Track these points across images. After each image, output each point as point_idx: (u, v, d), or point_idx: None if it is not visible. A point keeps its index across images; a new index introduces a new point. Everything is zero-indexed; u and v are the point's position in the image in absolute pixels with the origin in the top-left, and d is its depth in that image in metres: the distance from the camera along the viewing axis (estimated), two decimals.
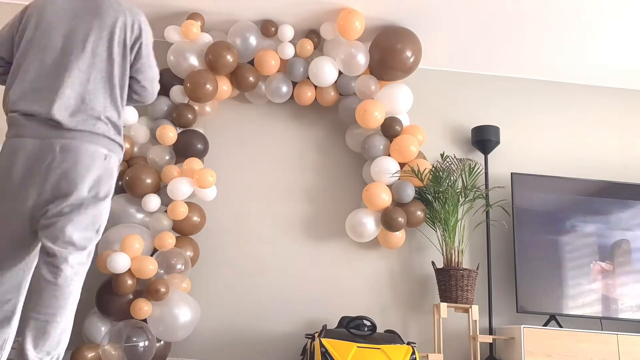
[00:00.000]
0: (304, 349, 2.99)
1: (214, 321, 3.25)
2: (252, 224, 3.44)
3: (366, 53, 3.33)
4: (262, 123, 3.64)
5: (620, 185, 3.47)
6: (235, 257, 3.37)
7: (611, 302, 3.26)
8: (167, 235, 2.91)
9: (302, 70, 3.37)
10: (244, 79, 3.33)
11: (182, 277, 2.88)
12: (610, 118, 3.87)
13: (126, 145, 3.14)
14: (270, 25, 3.37)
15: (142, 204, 2.98)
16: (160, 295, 2.66)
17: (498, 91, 3.86)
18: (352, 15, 3.21)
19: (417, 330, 3.33)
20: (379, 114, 3.26)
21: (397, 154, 3.29)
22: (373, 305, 3.34)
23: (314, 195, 3.53)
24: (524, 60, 3.70)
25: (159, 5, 3.37)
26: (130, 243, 2.69)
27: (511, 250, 3.48)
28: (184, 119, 3.21)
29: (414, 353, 2.57)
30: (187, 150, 3.20)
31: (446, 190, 3.18)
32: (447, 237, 3.18)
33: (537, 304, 3.22)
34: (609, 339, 3.01)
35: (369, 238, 3.28)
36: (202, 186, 3.04)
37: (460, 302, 3.06)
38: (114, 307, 2.70)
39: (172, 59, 3.22)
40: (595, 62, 3.66)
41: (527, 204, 3.38)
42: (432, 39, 3.53)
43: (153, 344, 2.66)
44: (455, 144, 3.72)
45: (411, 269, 3.45)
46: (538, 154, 3.74)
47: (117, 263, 2.61)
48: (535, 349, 2.97)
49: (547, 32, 3.38)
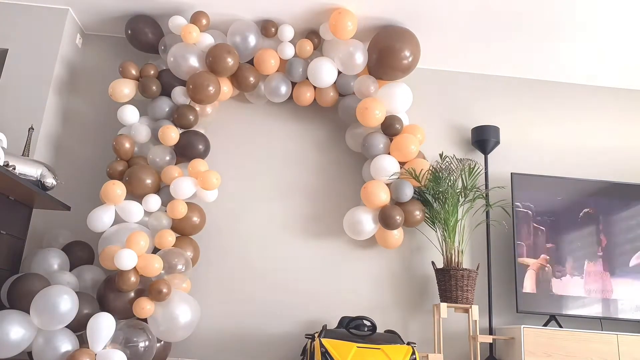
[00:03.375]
0: (304, 349, 2.99)
1: (213, 321, 3.26)
2: (252, 224, 3.45)
3: (364, 52, 3.33)
4: (262, 123, 3.65)
5: (620, 185, 3.47)
6: (235, 257, 3.38)
7: (611, 302, 3.26)
8: (167, 233, 2.91)
9: (302, 70, 3.37)
10: (244, 79, 3.33)
11: (183, 278, 2.89)
12: (610, 118, 3.87)
13: (126, 145, 3.14)
14: (270, 25, 3.38)
15: (143, 203, 2.98)
16: (162, 295, 2.66)
17: (498, 91, 3.86)
18: (342, 16, 3.21)
19: (417, 330, 3.33)
20: (379, 112, 3.27)
21: (397, 153, 3.29)
22: (373, 305, 3.35)
23: (314, 195, 3.54)
24: (524, 60, 3.70)
25: (159, 4, 3.38)
26: (136, 240, 2.68)
27: (511, 250, 3.49)
28: (185, 120, 3.21)
29: (414, 353, 2.57)
30: (188, 151, 3.20)
31: (446, 190, 3.19)
32: (447, 237, 3.18)
33: (537, 304, 3.22)
34: (609, 339, 3.01)
35: (366, 236, 3.29)
36: (206, 188, 3.04)
37: (460, 302, 3.06)
38: (115, 305, 2.69)
39: (172, 60, 3.23)
40: (595, 62, 3.66)
41: (527, 204, 3.39)
42: (432, 39, 3.53)
43: (153, 344, 2.66)
44: (455, 144, 3.72)
45: (411, 269, 3.45)
46: (538, 154, 3.74)
47: (125, 259, 2.60)
48: (535, 349, 2.97)
49: (546, 32, 3.38)
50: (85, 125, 3.56)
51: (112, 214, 2.93)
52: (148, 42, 3.44)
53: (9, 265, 2.84)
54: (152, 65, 3.36)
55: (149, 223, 3.01)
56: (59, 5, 3.46)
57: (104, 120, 3.55)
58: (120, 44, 3.72)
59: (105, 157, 3.47)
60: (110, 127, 3.51)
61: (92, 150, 3.51)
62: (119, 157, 3.19)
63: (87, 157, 3.49)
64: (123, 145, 3.13)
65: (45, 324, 2.41)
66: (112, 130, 3.50)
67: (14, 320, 2.39)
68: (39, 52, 3.38)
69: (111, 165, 3.14)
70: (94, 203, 3.31)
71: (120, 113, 3.22)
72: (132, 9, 3.44)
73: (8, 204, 2.79)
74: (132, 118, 3.23)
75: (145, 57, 3.62)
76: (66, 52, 3.51)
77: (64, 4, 3.44)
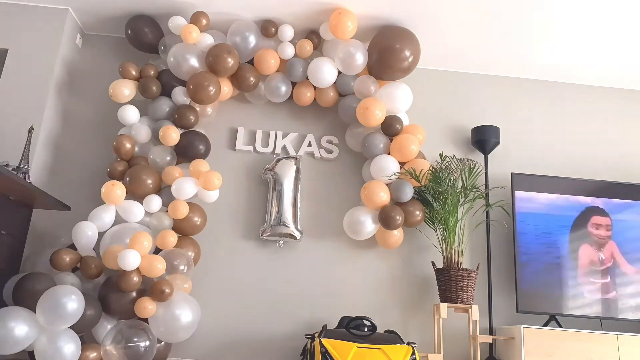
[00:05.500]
0: (304, 349, 2.99)
1: (214, 321, 3.26)
2: (252, 224, 3.45)
3: (364, 52, 3.33)
4: (262, 123, 3.65)
5: (620, 185, 3.47)
6: (235, 257, 3.38)
7: (611, 302, 3.26)
8: (169, 233, 2.92)
9: (302, 70, 3.37)
10: (244, 79, 3.33)
11: (184, 278, 2.89)
12: (610, 118, 3.87)
13: (127, 145, 3.14)
14: (270, 25, 3.37)
15: (144, 204, 2.98)
16: (165, 296, 2.65)
17: (498, 91, 3.86)
18: (342, 16, 3.21)
19: (417, 330, 3.33)
20: (379, 112, 3.27)
21: (397, 153, 3.29)
22: (373, 305, 3.35)
23: (315, 195, 3.54)
24: (524, 60, 3.70)
25: (159, 4, 3.38)
26: (139, 240, 2.68)
27: (511, 250, 3.49)
28: (185, 120, 3.21)
29: (414, 353, 2.57)
30: (188, 152, 3.20)
31: (446, 190, 3.19)
32: (447, 237, 3.18)
33: (537, 304, 3.22)
34: (609, 339, 3.01)
35: (366, 236, 3.29)
36: (208, 188, 3.04)
37: (461, 302, 3.07)
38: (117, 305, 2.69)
39: (172, 60, 3.23)
40: (595, 62, 3.66)
41: (527, 204, 3.39)
42: (432, 39, 3.53)
43: (154, 344, 2.67)
44: (455, 144, 3.72)
45: (411, 269, 3.45)
46: (538, 154, 3.75)
47: (128, 260, 2.60)
48: (535, 349, 2.97)
49: (546, 32, 3.38)
50: (85, 125, 3.56)
51: (113, 214, 2.93)
52: (148, 42, 3.44)
53: (9, 265, 2.84)
54: (152, 65, 3.36)
55: (150, 223, 3.01)
56: (59, 5, 3.46)
57: (104, 120, 3.55)
58: (120, 44, 3.72)
59: (105, 157, 3.47)
60: (110, 127, 3.51)
61: (92, 150, 3.51)
62: (119, 157, 3.19)
63: (87, 157, 3.49)
64: (124, 146, 3.13)
65: (50, 323, 2.41)
66: (112, 130, 3.50)
67: (18, 317, 2.39)
68: (39, 52, 3.38)
69: (112, 166, 3.14)
70: (94, 203, 3.31)
71: (120, 113, 3.22)
72: (132, 9, 3.44)
73: (8, 204, 2.79)
74: (133, 118, 3.23)
75: (145, 57, 3.62)
76: (66, 52, 3.51)
77: (64, 4, 3.44)
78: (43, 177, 3.35)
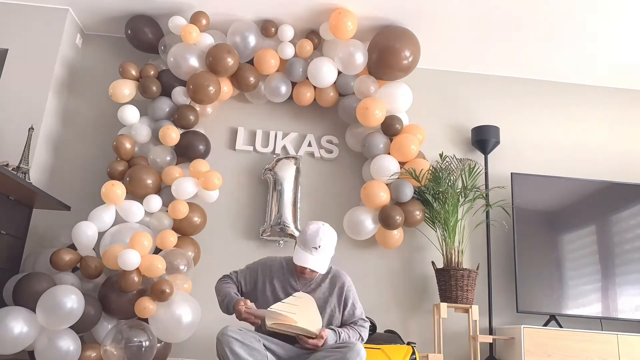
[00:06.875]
0: None
1: (214, 321, 3.25)
2: (252, 224, 3.44)
3: (364, 52, 3.33)
4: (262, 123, 3.65)
5: (620, 185, 3.47)
6: (235, 257, 3.37)
7: (611, 302, 3.26)
8: (169, 233, 2.92)
9: (302, 70, 3.37)
10: (244, 79, 3.33)
11: (184, 278, 2.89)
12: (610, 118, 3.87)
13: (127, 145, 3.14)
14: (270, 25, 3.37)
15: (144, 204, 2.98)
16: (165, 295, 2.65)
17: (498, 91, 3.86)
18: (342, 16, 3.21)
19: (417, 330, 3.33)
20: (379, 112, 3.27)
21: (397, 153, 3.29)
22: (373, 305, 3.34)
23: (315, 195, 3.54)
24: (524, 60, 3.70)
25: (159, 4, 3.38)
26: (139, 240, 2.68)
27: (511, 250, 3.49)
28: (185, 120, 3.21)
29: (414, 353, 2.57)
30: (188, 152, 3.20)
31: (446, 190, 3.18)
32: (447, 237, 3.18)
33: (537, 304, 3.22)
34: (609, 339, 3.01)
35: (366, 236, 3.29)
36: (208, 188, 3.04)
37: (460, 302, 3.06)
38: (117, 305, 2.69)
39: (172, 60, 3.23)
40: (595, 62, 3.66)
41: (527, 204, 3.39)
42: (432, 39, 3.53)
43: (154, 344, 2.66)
44: (455, 144, 3.72)
45: (411, 269, 3.45)
46: (538, 154, 3.74)
47: (128, 260, 2.60)
48: (535, 349, 2.97)
49: (546, 32, 3.38)
50: (85, 125, 3.55)
51: (113, 214, 2.93)
52: (148, 42, 3.44)
53: (9, 265, 2.84)
54: (152, 65, 3.36)
55: (150, 223, 3.01)
56: (59, 5, 3.46)
57: (104, 120, 3.55)
58: (120, 44, 3.72)
59: (105, 157, 3.46)
60: (110, 127, 3.51)
61: (92, 150, 3.50)
62: (119, 157, 3.19)
63: (87, 157, 3.49)
64: (124, 145, 3.13)
65: (50, 323, 2.41)
66: (112, 130, 3.49)
67: (18, 317, 2.39)
68: (39, 52, 3.37)
69: (111, 165, 3.14)
70: (94, 203, 3.30)
71: (120, 113, 3.22)
72: (132, 9, 3.44)
73: (8, 204, 2.79)
74: (133, 118, 3.23)
75: (145, 57, 3.61)
76: (66, 52, 3.50)
77: (64, 4, 3.44)
78: (43, 177, 3.34)
